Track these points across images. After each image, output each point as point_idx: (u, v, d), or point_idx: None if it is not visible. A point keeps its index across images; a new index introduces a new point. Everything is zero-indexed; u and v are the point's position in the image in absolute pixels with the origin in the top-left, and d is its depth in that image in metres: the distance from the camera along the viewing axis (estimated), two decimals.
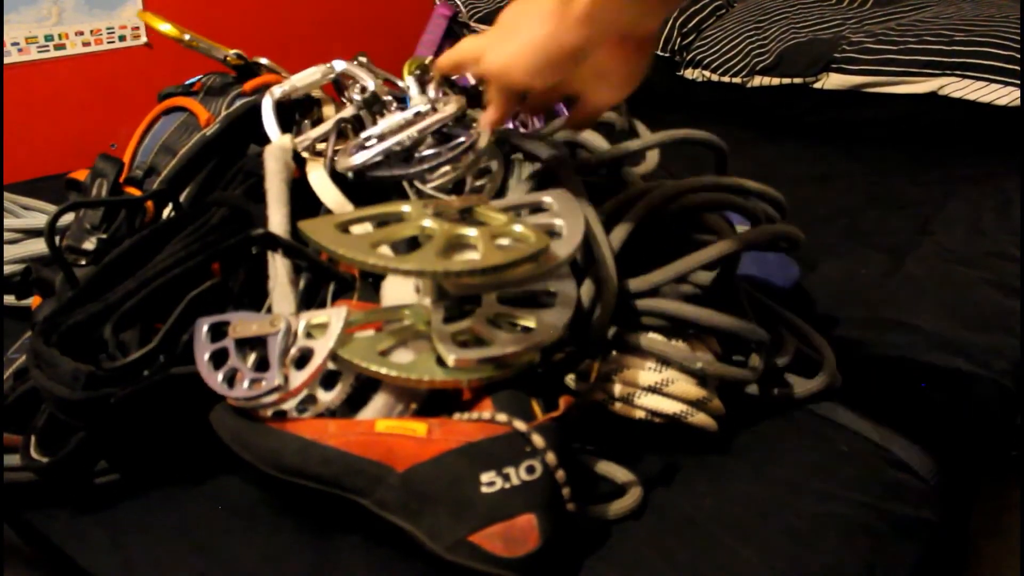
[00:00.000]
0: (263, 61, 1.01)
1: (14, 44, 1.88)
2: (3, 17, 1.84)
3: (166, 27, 0.96)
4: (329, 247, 0.60)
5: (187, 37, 0.97)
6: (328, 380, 0.67)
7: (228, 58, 0.97)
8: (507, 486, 0.59)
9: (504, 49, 0.63)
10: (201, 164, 0.86)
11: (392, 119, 0.81)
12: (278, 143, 0.81)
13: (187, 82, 1.05)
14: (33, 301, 0.86)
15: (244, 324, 0.67)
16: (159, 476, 0.71)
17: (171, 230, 0.80)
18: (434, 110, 0.83)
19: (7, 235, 1.00)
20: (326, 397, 0.66)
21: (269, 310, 0.74)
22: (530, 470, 0.59)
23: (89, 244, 0.81)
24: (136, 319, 0.73)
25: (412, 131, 0.78)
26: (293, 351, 0.65)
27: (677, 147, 0.80)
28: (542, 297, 0.69)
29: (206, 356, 0.66)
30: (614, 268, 0.70)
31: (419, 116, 0.81)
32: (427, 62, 0.91)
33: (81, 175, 0.91)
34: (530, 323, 0.66)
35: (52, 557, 0.66)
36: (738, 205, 0.75)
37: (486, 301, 0.67)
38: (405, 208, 0.68)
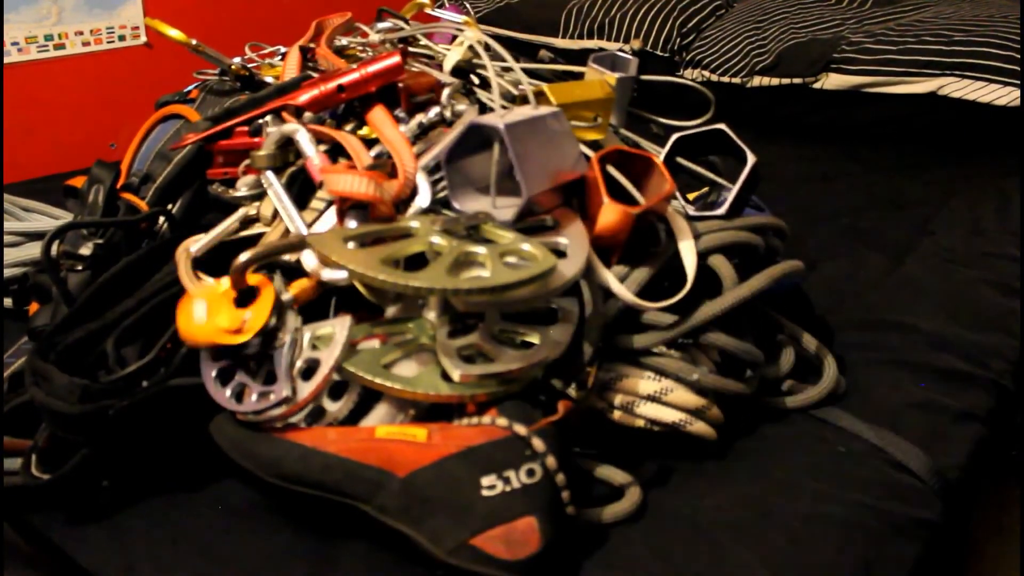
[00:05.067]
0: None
1: (14, 44, 1.88)
2: (3, 17, 1.84)
3: (175, 32, 0.98)
4: (339, 262, 0.61)
5: (194, 42, 0.98)
6: (335, 390, 0.67)
7: (233, 67, 0.97)
8: (508, 489, 0.59)
9: None
10: (195, 173, 0.86)
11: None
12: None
13: (184, 90, 1.05)
14: (31, 307, 0.86)
15: None
16: (160, 478, 0.71)
17: (169, 248, 0.80)
18: (443, 119, 0.83)
19: (7, 238, 1.00)
20: (333, 407, 0.66)
21: None
22: (530, 473, 0.60)
23: (85, 250, 0.82)
24: (136, 335, 0.73)
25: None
26: (299, 363, 0.65)
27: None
28: (544, 313, 0.69)
29: (213, 373, 0.66)
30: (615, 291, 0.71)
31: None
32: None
33: (79, 182, 0.91)
34: (533, 339, 0.66)
35: (52, 557, 0.66)
36: (752, 244, 0.76)
37: (490, 316, 0.67)
38: (414, 224, 0.69)
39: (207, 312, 0.66)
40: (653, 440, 0.73)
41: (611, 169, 0.75)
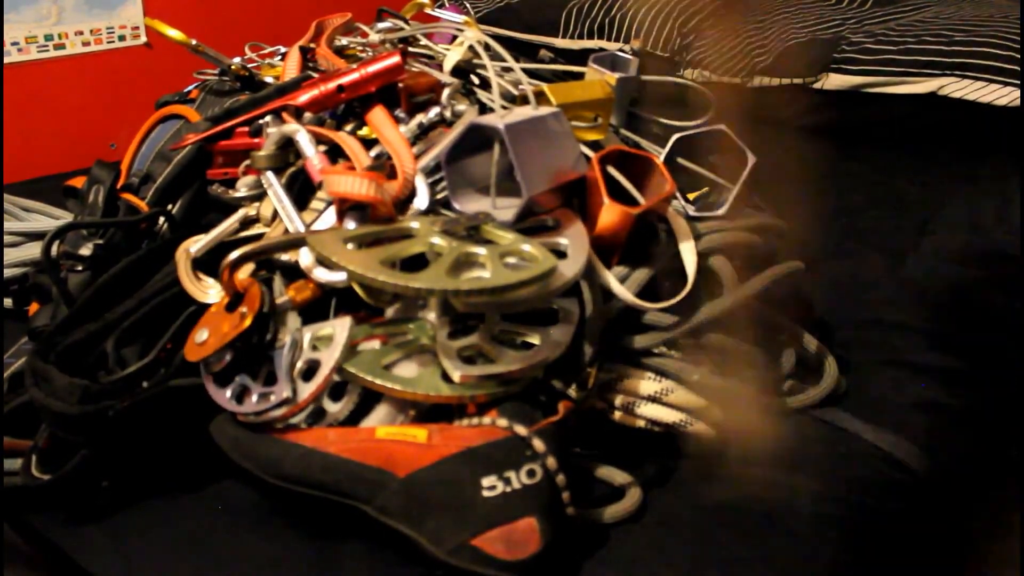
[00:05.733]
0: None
1: (14, 44, 1.88)
2: (3, 17, 1.84)
3: (174, 32, 0.98)
4: (339, 263, 0.61)
5: (194, 42, 0.98)
6: (336, 391, 0.67)
7: (233, 67, 0.97)
8: (508, 490, 0.59)
9: None
10: (195, 173, 0.86)
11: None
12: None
13: (184, 90, 1.05)
14: (31, 307, 0.86)
15: None
16: (160, 478, 0.71)
17: (169, 248, 0.80)
18: (443, 119, 0.83)
19: (8, 238, 1.00)
20: (334, 408, 0.66)
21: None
22: (531, 474, 0.60)
23: (86, 250, 0.82)
24: (136, 336, 0.73)
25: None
26: (300, 364, 0.65)
27: None
28: (545, 313, 0.69)
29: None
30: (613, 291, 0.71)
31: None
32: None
33: (79, 182, 0.91)
34: (534, 339, 0.66)
35: (52, 557, 0.66)
36: (752, 244, 0.76)
37: (490, 317, 0.67)
38: (414, 225, 0.69)
39: (209, 332, 0.66)
40: (653, 440, 0.73)
41: (611, 169, 0.75)
